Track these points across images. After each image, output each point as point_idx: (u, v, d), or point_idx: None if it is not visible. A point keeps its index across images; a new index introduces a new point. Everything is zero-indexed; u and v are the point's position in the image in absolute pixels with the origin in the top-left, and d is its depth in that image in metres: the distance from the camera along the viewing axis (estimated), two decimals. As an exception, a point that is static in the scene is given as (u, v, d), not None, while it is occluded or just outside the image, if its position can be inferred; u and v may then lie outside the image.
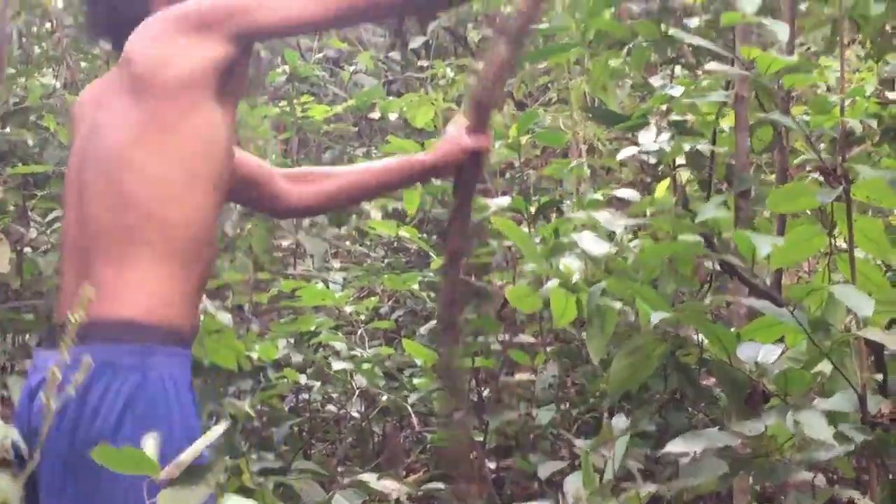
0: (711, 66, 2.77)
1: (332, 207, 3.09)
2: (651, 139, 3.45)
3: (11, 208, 5.37)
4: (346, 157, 6.90)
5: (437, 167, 2.80)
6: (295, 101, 5.88)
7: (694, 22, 4.05)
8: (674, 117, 3.74)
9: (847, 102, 3.39)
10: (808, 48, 6.11)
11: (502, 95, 2.69)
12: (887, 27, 5.24)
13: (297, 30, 2.51)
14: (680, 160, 4.49)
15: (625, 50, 4.95)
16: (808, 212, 3.69)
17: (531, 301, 3.70)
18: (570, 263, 3.34)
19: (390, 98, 6.32)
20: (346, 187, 2.89)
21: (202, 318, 3.95)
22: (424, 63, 7.76)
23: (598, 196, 3.72)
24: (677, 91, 3.42)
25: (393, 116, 5.91)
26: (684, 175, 4.90)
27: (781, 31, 2.60)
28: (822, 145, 3.97)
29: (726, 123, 4.14)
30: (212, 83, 2.40)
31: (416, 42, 8.11)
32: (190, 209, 2.37)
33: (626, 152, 3.60)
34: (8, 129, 5.35)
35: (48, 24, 5.83)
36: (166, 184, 2.35)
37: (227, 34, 2.40)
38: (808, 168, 4.34)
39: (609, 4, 4.49)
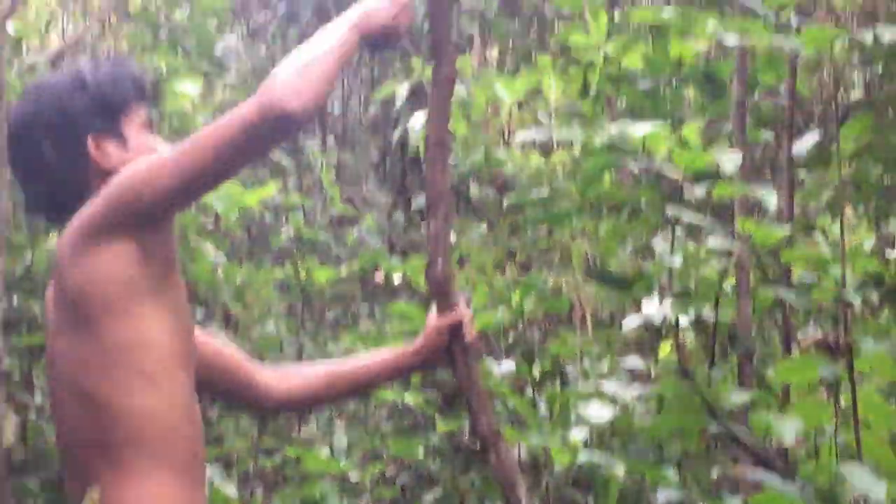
0: (711, 242, 2.80)
1: (320, 403, 3.07)
2: (654, 309, 3.48)
3: (17, 378, 5.38)
4: (349, 317, 6.93)
5: (422, 356, 2.82)
6: (299, 263, 5.92)
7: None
8: (676, 284, 3.78)
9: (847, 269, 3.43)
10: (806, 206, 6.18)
11: (451, 268, 2.72)
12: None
13: (187, 192, 2.42)
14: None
15: (626, 213, 5.02)
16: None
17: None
18: (576, 435, 3.34)
19: (394, 259, 6.36)
20: (335, 383, 2.89)
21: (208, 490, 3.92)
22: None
23: (604, 367, 3.74)
24: (677, 261, 3.46)
25: (397, 278, 5.95)
26: (688, 335, 4.92)
27: (771, 199, 2.64)
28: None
29: (730, 282, 4.18)
30: (137, 280, 2.40)
31: (419, 202, 8.20)
32: (156, 399, 2.37)
33: (630, 322, 3.63)
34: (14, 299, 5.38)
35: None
36: (123, 383, 2.36)
37: (131, 229, 2.40)
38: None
39: (607, 167, 4.54)
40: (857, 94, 6.43)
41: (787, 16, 3.20)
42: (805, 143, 3.76)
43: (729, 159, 2.38)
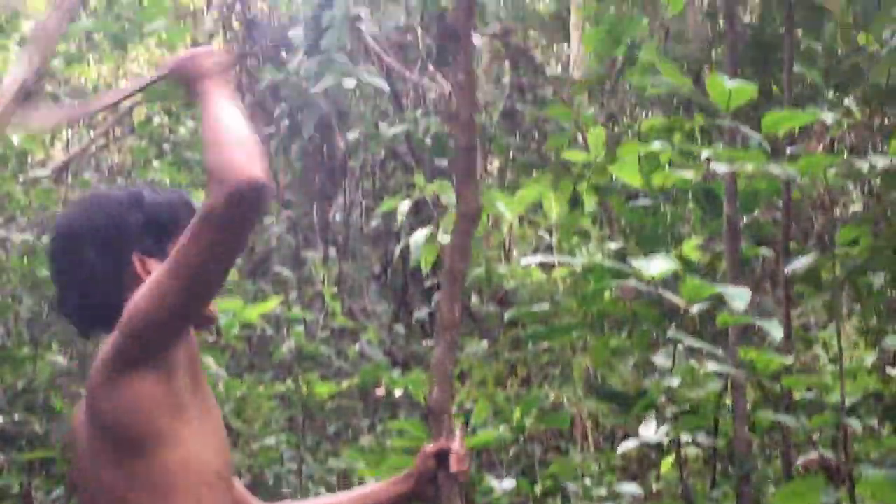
0: (710, 366, 2.82)
1: None
2: (652, 432, 3.48)
3: (15, 490, 5.37)
4: (350, 431, 6.91)
5: (413, 481, 2.83)
6: (300, 377, 5.93)
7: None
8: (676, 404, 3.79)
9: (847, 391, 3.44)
10: (806, 320, 6.21)
11: (448, 397, 2.75)
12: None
13: (187, 309, 2.40)
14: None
15: (626, 330, 5.04)
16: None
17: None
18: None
19: (395, 372, 6.37)
20: None
21: None
22: (430, 338, 7.85)
23: (602, 491, 3.73)
24: (675, 382, 3.48)
25: (398, 392, 5.95)
26: (690, 452, 4.91)
27: (776, 330, 2.66)
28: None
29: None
30: (169, 399, 2.42)
31: (421, 313, 8.23)
32: None
33: (626, 445, 3.64)
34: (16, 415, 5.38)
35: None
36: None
37: (150, 356, 2.40)
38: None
39: (609, 286, 4.57)
40: (856, 206, 6.50)
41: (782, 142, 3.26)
42: (801, 263, 3.80)
43: (737, 296, 2.41)
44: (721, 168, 2.97)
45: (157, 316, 2.36)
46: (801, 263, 3.82)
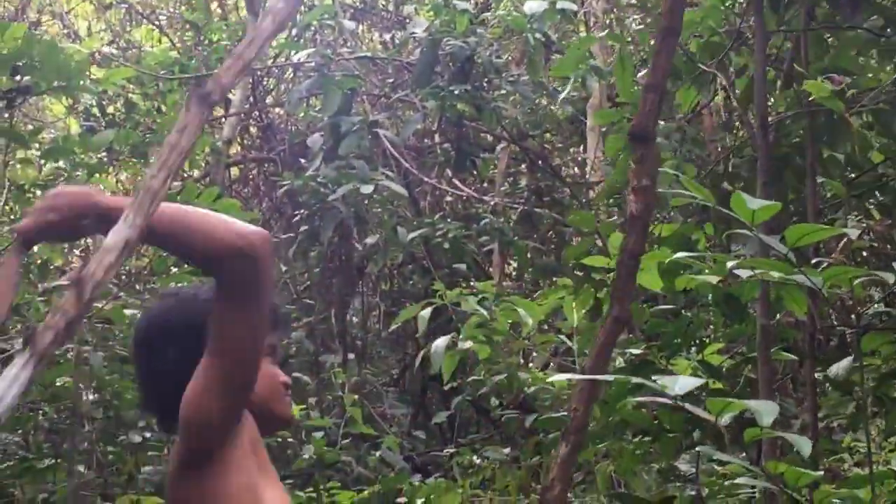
0: (739, 480, 2.79)
1: None
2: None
3: None
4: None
5: None
6: (321, 487, 5.89)
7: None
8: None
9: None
10: (831, 424, 6.15)
11: (564, 499, 2.74)
12: None
13: (232, 390, 2.41)
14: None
15: (650, 437, 5.00)
16: None
17: None
18: None
19: (416, 477, 6.33)
20: None
21: None
22: (449, 442, 7.81)
23: None
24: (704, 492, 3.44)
25: (420, 501, 5.89)
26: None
27: (805, 446, 2.63)
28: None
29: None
30: (236, 495, 2.42)
31: (440, 417, 8.19)
32: None
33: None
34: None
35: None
36: None
37: (215, 450, 2.42)
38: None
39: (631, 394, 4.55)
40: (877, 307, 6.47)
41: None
42: (836, 370, 3.79)
43: (766, 412, 2.39)
44: (745, 274, 2.97)
45: (216, 406, 2.39)
46: (835, 370, 3.80)
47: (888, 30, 5.12)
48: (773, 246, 2.83)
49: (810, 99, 4.43)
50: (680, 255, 3.37)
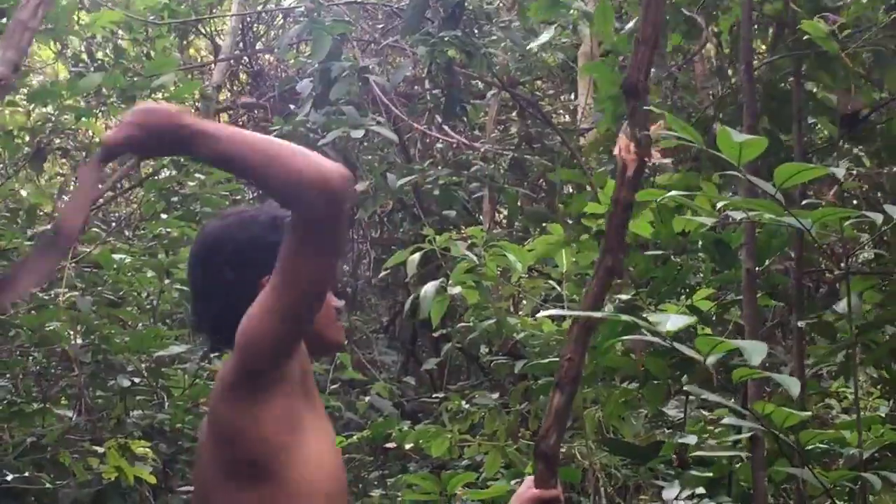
0: (727, 420, 2.79)
1: None
2: (674, 494, 3.46)
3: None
4: (361, 485, 6.87)
5: None
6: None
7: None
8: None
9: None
10: (819, 371, 6.17)
11: (559, 445, 2.73)
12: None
13: (292, 322, 2.40)
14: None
15: (638, 382, 5.01)
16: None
17: None
18: None
19: (405, 423, 6.34)
20: None
21: None
22: (439, 389, 7.82)
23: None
24: (692, 439, 3.45)
25: (409, 445, 5.91)
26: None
27: (794, 386, 2.63)
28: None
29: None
30: (282, 424, 2.43)
31: (429, 364, 8.20)
32: None
33: None
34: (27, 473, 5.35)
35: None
36: None
37: (267, 377, 2.42)
38: None
39: (620, 337, 4.54)
40: (866, 255, 6.48)
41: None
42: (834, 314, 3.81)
43: (755, 351, 2.38)
44: (737, 216, 2.96)
45: (276, 331, 2.38)
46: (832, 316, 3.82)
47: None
48: (760, 186, 2.81)
49: (798, 38, 4.39)
50: (674, 193, 3.35)
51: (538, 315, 3.77)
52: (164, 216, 6.61)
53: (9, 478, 5.25)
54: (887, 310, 4.64)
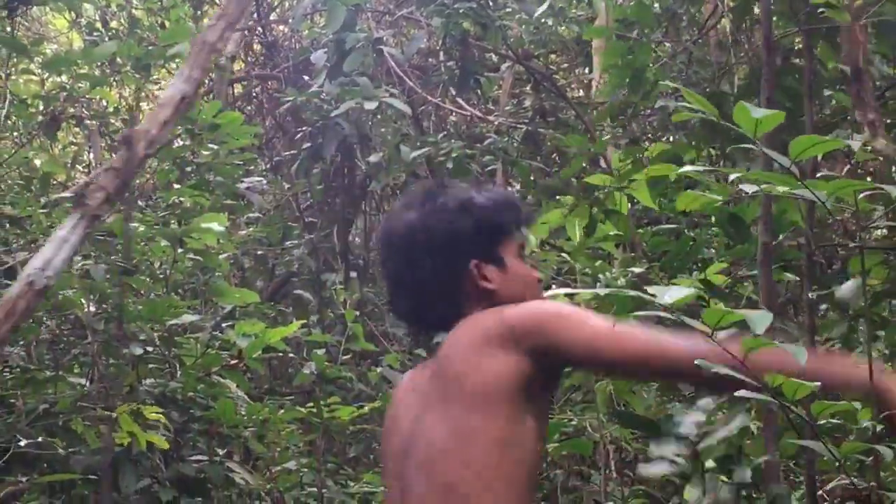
0: (739, 394, 2.78)
1: None
2: (666, 451, 3.45)
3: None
4: (371, 455, 6.89)
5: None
6: (321, 401, 5.90)
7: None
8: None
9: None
10: (832, 347, 6.15)
11: None
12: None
13: (593, 366, 2.64)
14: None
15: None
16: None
17: None
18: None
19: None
20: None
21: None
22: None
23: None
24: (701, 416, 3.44)
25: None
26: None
27: (801, 356, 2.61)
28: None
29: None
30: (515, 396, 2.46)
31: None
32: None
33: (649, 471, 3.59)
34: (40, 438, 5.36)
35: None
36: (475, 482, 2.41)
37: (528, 349, 2.46)
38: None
39: (631, 311, 4.53)
40: (880, 231, 6.46)
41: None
42: (844, 291, 3.80)
43: (760, 320, 2.37)
44: (751, 189, 2.94)
45: (585, 343, 2.48)
46: (842, 291, 3.81)
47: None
48: (775, 158, 2.80)
49: (814, 11, 4.35)
50: (686, 168, 3.33)
51: (549, 292, 3.75)
52: (177, 186, 6.61)
53: (22, 444, 5.27)
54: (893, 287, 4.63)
